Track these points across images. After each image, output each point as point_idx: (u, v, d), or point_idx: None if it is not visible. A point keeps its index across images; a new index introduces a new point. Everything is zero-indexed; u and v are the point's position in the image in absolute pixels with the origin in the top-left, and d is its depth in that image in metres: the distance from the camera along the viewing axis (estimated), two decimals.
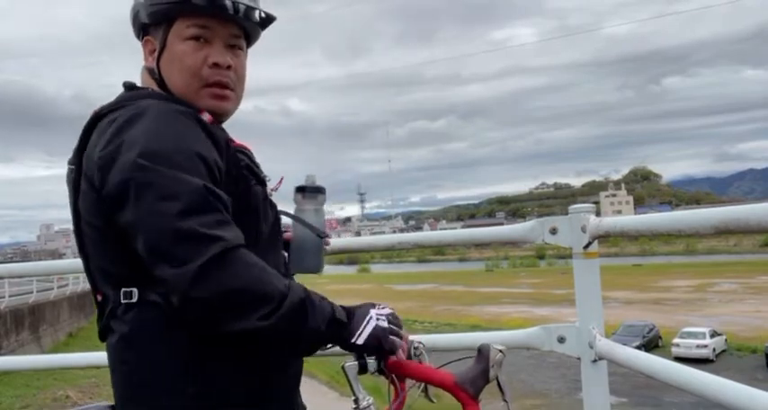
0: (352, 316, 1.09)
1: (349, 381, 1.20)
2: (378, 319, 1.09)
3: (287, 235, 1.36)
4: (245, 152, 1.20)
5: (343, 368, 1.21)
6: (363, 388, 1.22)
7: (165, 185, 0.95)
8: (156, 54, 1.20)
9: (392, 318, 1.12)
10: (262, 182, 1.21)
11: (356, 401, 1.20)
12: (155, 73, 1.21)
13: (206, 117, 1.15)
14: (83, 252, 1.14)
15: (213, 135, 1.09)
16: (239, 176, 1.13)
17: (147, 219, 0.95)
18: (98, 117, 1.12)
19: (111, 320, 1.09)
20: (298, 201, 1.35)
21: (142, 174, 0.96)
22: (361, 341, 1.07)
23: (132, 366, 1.06)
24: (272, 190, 1.25)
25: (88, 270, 1.15)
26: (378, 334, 1.08)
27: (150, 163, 0.96)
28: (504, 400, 1.15)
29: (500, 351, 1.11)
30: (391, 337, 1.10)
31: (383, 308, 1.13)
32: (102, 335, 1.12)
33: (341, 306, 1.10)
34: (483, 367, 1.09)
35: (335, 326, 1.05)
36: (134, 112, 1.06)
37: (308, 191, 1.35)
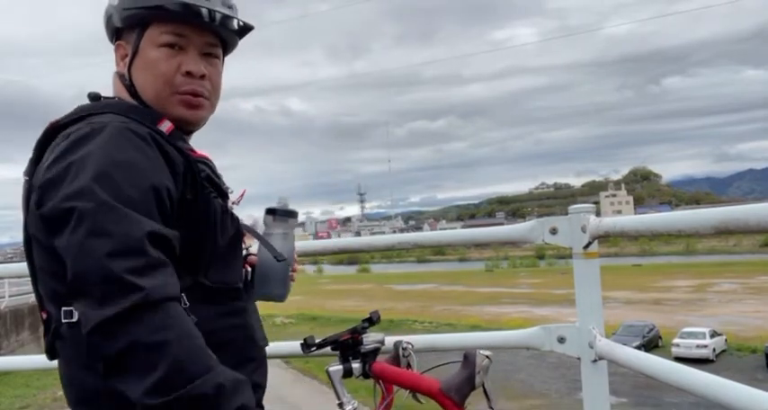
0: None
1: (333, 385, 1.20)
2: None
3: (251, 258, 1.33)
4: (206, 162, 1.17)
5: (327, 372, 1.21)
6: (348, 392, 1.22)
7: (104, 221, 0.89)
8: (127, 59, 1.18)
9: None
10: (223, 194, 1.18)
11: (341, 405, 1.20)
12: (125, 79, 1.18)
13: (165, 127, 1.11)
14: (30, 266, 1.10)
15: (168, 154, 1.05)
16: (198, 188, 1.09)
17: (76, 252, 0.89)
18: (54, 129, 1.08)
19: (54, 339, 1.06)
20: (267, 224, 1.31)
21: (84, 204, 0.90)
22: None
23: (75, 387, 1.05)
24: (233, 203, 1.22)
25: (35, 286, 1.11)
26: None
27: (96, 193, 0.91)
28: (491, 407, 1.14)
29: (487, 356, 1.11)
30: None
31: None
32: (50, 354, 1.10)
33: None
34: (469, 373, 1.08)
35: None
36: (87, 131, 1.01)
37: (279, 215, 1.30)
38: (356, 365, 1.23)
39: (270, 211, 1.31)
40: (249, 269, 1.30)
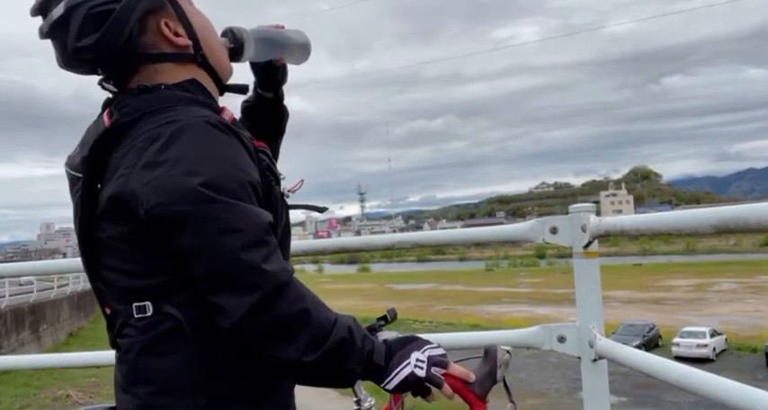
0: (392, 357, 1.05)
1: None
2: (416, 366, 1.04)
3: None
4: (265, 151, 1.16)
5: None
6: (365, 389, 1.22)
7: (229, 218, 0.96)
8: (183, 33, 1.12)
9: (435, 361, 1.06)
10: (278, 180, 1.18)
11: (358, 402, 1.20)
12: (192, 55, 1.13)
13: (228, 116, 1.11)
14: (91, 263, 1.10)
15: (247, 147, 1.07)
16: (263, 177, 1.10)
17: (212, 250, 0.95)
18: (118, 127, 1.05)
19: (123, 332, 1.07)
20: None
21: (205, 206, 0.95)
22: (390, 386, 1.05)
23: (146, 376, 1.05)
24: (289, 191, 1.22)
25: (95, 283, 1.11)
26: (409, 381, 1.04)
27: (212, 193, 0.95)
28: (512, 401, 1.16)
29: (507, 352, 1.12)
30: (426, 385, 1.05)
31: (433, 349, 1.08)
32: (116, 346, 1.11)
33: (385, 341, 1.07)
34: (490, 368, 1.10)
35: (371, 369, 1.04)
36: (174, 129, 1.00)
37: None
38: None
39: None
40: None
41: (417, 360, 1.05)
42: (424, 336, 1.14)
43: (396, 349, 1.06)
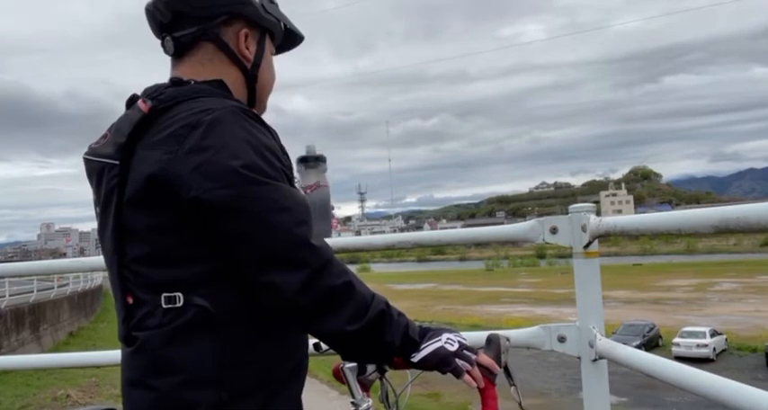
0: (424, 335, 1.12)
1: (348, 383, 1.20)
2: (446, 342, 1.11)
3: None
4: (285, 151, 1.21)
5: (342, 369, 1.22)
6: (362, 390, 1.22)
7: (277, 199, 1.02)
8: (252, 52, 1.25)
9: (466, 345, 1.14)
10: (292, 181, 1.21)
11: (355, 403, 1.20)
12: (246, 67, 1.25)
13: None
14: (118, 253, 1.10)
15: (275, 138, 1.14)
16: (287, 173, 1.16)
17: (265, 228, 1.01)
18: (155, 113, 1.09)
19: (145, 323, 1.06)
20: (301, 172, 1.36)
21: (253, 188, 1.01)
22: (417, 358, 1.10)
23: (170, 366, 1.04)
24: (305, 190, 1.25)
25: (120, 274, 1.11)
26: (439, 353, 1.10)
27: (257, 175, 1.02)
28: (513, 384, 1.24)
29: (507, 339, 1.22)
30: (457, 360, 1.10)
31: (464, 339, 1.15)
32: (130, 339, 1.09)
33: (418, 325, 1.14)
34: (495, 354, 1.17)
35: (406, 343, 1.10)
36: (213, 116, 1.05)
37: (310, 161, 1.35)
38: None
39: (301, 160, 1.35)
40: None
41: (448, 339, 1.12)
42: None
43: (428, 329, 1.14)
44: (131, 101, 1.19)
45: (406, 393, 1.31)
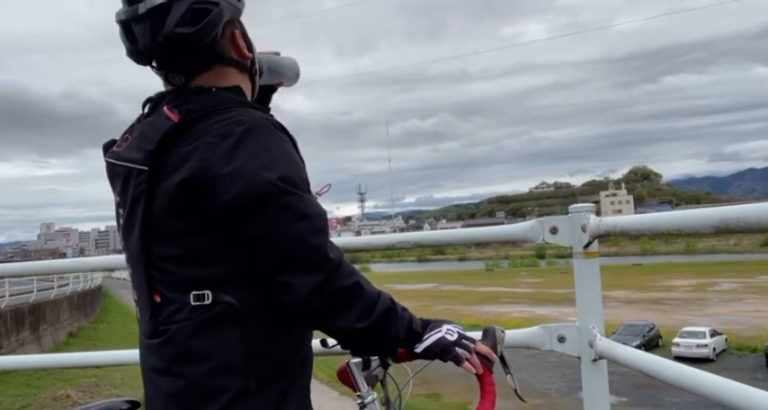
0: (426, 327, 1.20)
1: (354, 377, 1.23)
2: (447, 332, 1.19)
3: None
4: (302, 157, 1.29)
5: (348, 365, 1.24)
6: (367, 384, 1.24)
7: (301, 207, 1.09)
8: (246, 47, 1.27)
9: (465, 335, 1.20)
10: None
11: (360, 397, 1.22)
12: (250, 66, 1.30)
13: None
14: (145, 254, 1.15)
15: (297, 148, 1.20)
16: None
17: (286, 234, 1.08)
18: (186, 123, 1.13)
19: (173, 318, 1.12)
20: None
21: (282, 196, 1.08)
22: (420, 349, 1.17)
23: (199, 354, 1.10)
24: (316, 193, 1.28)
25: (147, 273, 1.15)
26: (441, 343, 1.17)
27: (287, 185, 1.08)
28: (509, 372, 1.30)
29: (502, 331, 1.30)
30: (457, 349, 1.17)
31: (463, 330, 1.21)
32: (158, 333, 1.13)
33: (420, 318, 1.21)
34: (491, 344, 1.23)
35: (410, 336, 1.17)
36: (245, 127, 1.10)
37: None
38: (374, 357, 1.27)
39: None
40: None
41: (448, 329, 1.19)
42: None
43: (429, 321, 1.21)
44: (150, 103, 1.25)
45: (409, 389, 1.34)
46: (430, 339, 1.17)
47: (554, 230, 1.91)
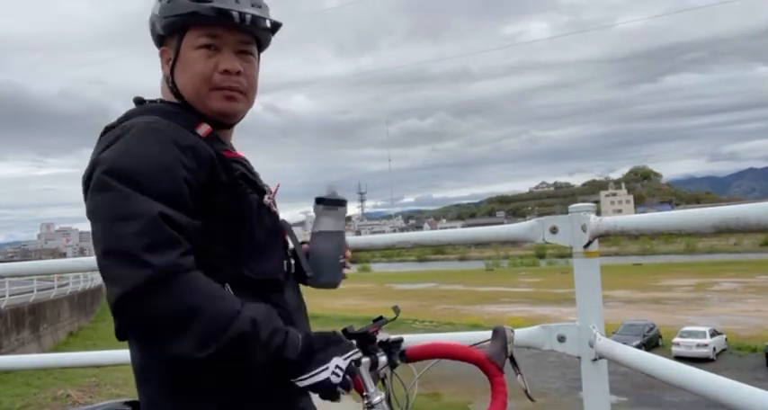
0: (311, 354, 1.05)
1: (362, 378, 1.21)
2: (333, 373, 1.05)
3: (304, 247, 1.38)
4: (241, 162, 1.26)
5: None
6: (374, 384, 1.23)
7: (120, 207, 1.01)
8: (170, 63, 1.28)
9: (351, 370, 1.08)
10: (260, 190, 1.26)
11: (367, 397, 1.21)
12: (169, 81, 1.29)
13: (203, 130, 1.21)
14: None
15: (195, 149, 1.14)
16: (233, 185, 1.19)
17: (100, 235, 1.02)
18: (106, 130, 1.21)
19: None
20: (317, 213, 1.35)
21: (104, 195, 1.04)
22: (302, 385, 1.05)
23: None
24: (268, 197, 1.28)
25: None
26: (324, 385, 1.05)
27: (112, 181, 1.04)
28: (519, 373, 1.30)
29: (512, 330, 1.29)
30: (338, 388, 1.06)
31: (355, 354, 1.10)
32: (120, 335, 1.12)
33: (308, 335, 1.08)
34: (502, 344, 1.24)
35: (281, 364, 1.04)
36: (118, 133, 1.14)
37: (328, 204, 1.35)
38: (382, 357, 1.26)
39: (319, 201, 1.35)
40: (293, 261, 1.34)
41: (337, 366, 1.05)
42: (424, 336, 1.17)
43: (317, 347, 1.06)
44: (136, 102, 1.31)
45: (415, 389, 1.33)
46: (314, 378, 1.04)
47: (554, 230, 1.91)
